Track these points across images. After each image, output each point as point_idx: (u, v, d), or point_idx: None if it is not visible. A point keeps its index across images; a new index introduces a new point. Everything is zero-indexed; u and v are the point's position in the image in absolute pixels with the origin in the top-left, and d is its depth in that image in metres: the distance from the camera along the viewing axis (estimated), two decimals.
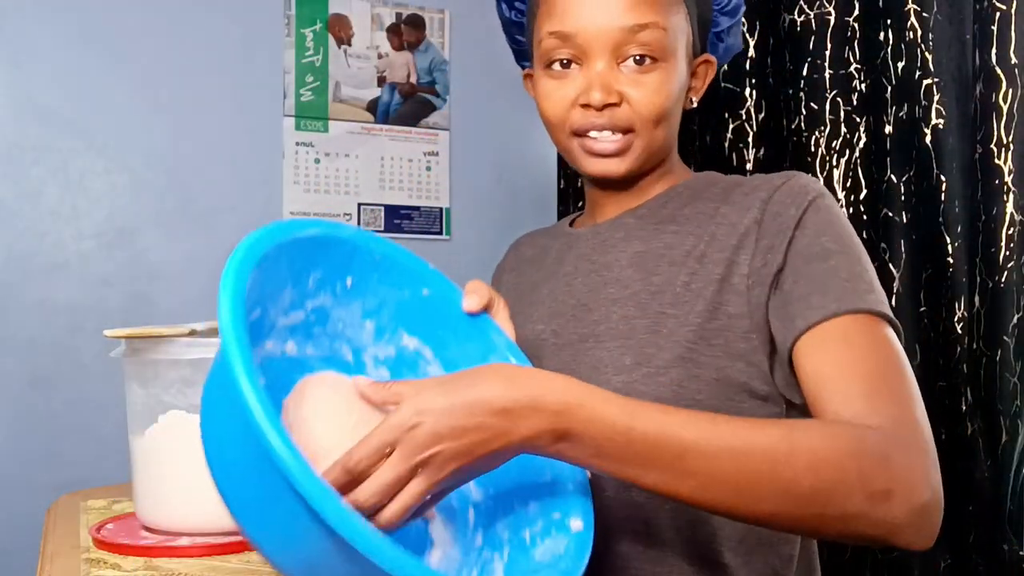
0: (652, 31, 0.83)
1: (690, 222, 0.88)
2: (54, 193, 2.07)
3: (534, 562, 0.68)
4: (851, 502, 0.66)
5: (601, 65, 0.85)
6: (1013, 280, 1.27)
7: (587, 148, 0.88)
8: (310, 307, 0.72)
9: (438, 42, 2.42)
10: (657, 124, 0.86)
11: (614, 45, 0.84)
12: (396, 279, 0.75)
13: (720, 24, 0.94)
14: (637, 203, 0.93)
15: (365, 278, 0.73)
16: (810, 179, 0.86)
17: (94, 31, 2.09)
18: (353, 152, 2.32)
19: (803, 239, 0.81)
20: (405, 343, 0.77)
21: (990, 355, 1.28)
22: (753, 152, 1.77)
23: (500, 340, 0.77)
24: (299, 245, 0.68)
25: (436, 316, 0.76)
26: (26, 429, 2.02)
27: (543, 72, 0.89)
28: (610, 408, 0.63)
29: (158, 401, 0.89)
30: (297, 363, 0.73)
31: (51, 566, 0.90)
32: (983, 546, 1.31)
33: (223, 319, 0.58)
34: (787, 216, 0.82)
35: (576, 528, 0.68)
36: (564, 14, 0.85)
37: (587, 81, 0.85)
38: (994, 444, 1.29)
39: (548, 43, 0.86)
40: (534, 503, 0.72)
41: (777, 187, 0.84)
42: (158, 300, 2.13)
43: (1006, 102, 1.27)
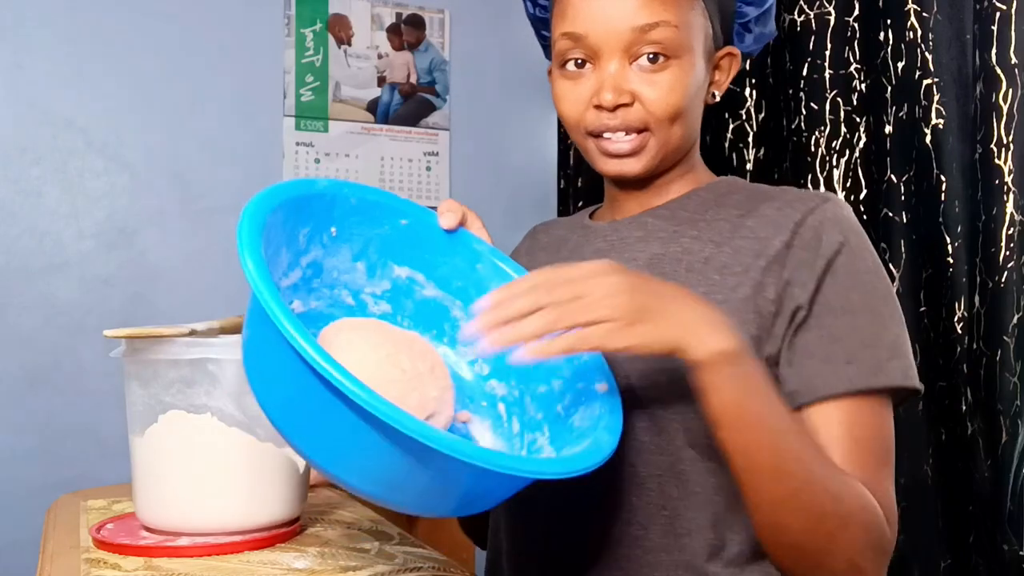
0: (663, 29, 0.82)
1: (711, 229, 0.87)
2: (54, 193, 2.07)
3: (575, 428, 0.72)
4: (843, 561, 0.76)
5: (613, 65, 0.84)
6: (1013, 280, 1.27)
7: (602, 149, 0.87)
8: (304, 263, 0.76)
9: (438, 42, 2.42)
10: (672, 122, 0.85)
11: (625, 45, 0.83)
12: (374, 217, 0.78)
13: (746, 14, 0.92)
14: (658, 202, 0.92)
15: (347, 224, 0.77)
16: (845, 208, 0.84)
17: (94, 31, 2.09)
18: (353, 152, 2.32)
19: (832, 287, 0.81)
20: (397, 274, 0.81)
21: (990, 355, 1.28)
22: (753, 152, 1.77)
23: (482, 247, 0.81)
24: (287, 207, 0.72)
25: (418, 242, 0.80)
26: (26, 429, 2.02)
27: (559, 72, 0.89)
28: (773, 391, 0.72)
29: (158, 401, 0.89)
30: (305, 318, 0.77)
31: (51, 566, 0.90)
32: (983, 546, 1.31)
33: (255, 283, 0.62)
34: (818, 253, 0.81)
35: (603, 390, 0.73)
36: (576, 15, 0.84)
37: (599, 82, 0.84)
38: (994, 444, 1.29)
39: (561, 44, 0.86)
40: (556, 381, 0.76)
41: (811, 210, 0.83)
42: (158, 300, 2.13)
43: (1006, 102, 1.27)
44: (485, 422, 0.80)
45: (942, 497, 1.42)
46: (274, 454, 0.90)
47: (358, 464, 0.62)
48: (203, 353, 0.88)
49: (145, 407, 0.90)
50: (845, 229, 0.83)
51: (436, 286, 0.81)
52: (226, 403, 0.88)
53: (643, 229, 0.90)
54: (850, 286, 0.81)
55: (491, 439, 0.79)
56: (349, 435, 0.60)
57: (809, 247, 0.81)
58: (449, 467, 0.60)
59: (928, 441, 1.42)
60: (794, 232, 0.82)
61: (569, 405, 0.75)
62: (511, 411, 0.80)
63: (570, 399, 0.75)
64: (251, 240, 0.64)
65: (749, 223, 0.85)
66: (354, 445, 0.61)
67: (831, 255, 0.81)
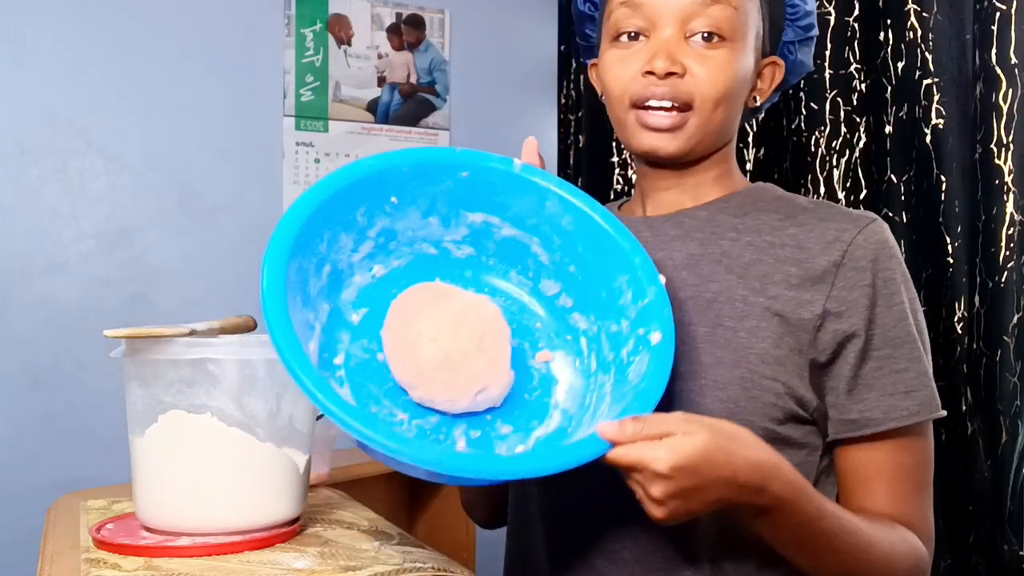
0: (723, 7, 0.82)
1: (750, 232, 0.85)
2: (54, 193, 2.07)
3: (628, 384, 0.75)
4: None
5: (668, 34, 0.82)
6: (1013, 280, 1.27)
7: (642, 121, 0.84)
8: (373, 234, 0.80)
9: (438, 42, 2.42)
10: (717, 105, 0.83)
11: (684, 17, 0.82)
12: (433, 177, 0.80)
13: (788, 35, 0.91)
14: (692, 203, 0.90)
15: (406, 190, 0.80)
16: (889, 232, 0.85)
17: (94, 31, 2.09)
18: (353, 152, 2.32)
19: (890, 317, 0.81)
20: (472, 220, 0.83)
21: (990, 355, 1.28)
22: (753, 152, 1.78)
23: (548, 183, 0.82)
24: (327, 207, 0.75)
25: (484, 188, 0.82)
26: (26, 429, 2.02)
27: (610, 44, 0.86)
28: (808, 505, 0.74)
29: (158, 401, 0.89)
30: (391, 278, 0.81)
31: (51, 566, 0.90)
32: (983, 546, 1.31)
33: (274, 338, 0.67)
34: (870, 277, 0.81)
35: (656, 341, 0.75)
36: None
37: (652, 51, 0.82)
38: (994, 444, 1.29)
39: (619, 13, 0.85)
40: (624, 321, 0.79)
41: (860, 229, 0.82)
42: (158, 300, 2.13)
43: (1006, 102, 1.27)
44: (568, 357, 0.82)
45: (942, 497, 1.42)
46: (274, 454, 0.90)
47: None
48: (203, 353, 0.88)
49: (145, 407, 0.90)
50: (894, 255, 0.83)
51: (512, 225, 0.83)
52: (226, 403, 0.88)
53: (680, 228, 0.88)
54: (903, 316, 0.82)
55: (571, 375, 0.81)
56: None
57: (860, 267, 0.81)
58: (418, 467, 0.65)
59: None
60: (844, 252, 0.81)
61: (631, 351, 0.77)
62: (591, 347, 0.82)
63: (633, 344, 0.77)
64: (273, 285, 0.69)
65: (791, 231, 0.84)
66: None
67: (883, 281, 0.81)
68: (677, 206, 0.90)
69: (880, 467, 0.81)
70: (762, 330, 0.81)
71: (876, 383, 0.81)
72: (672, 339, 0.75)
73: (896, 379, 0.81)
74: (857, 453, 0.82)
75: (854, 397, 0.81)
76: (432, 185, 0.80)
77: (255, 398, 0.89)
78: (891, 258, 0.82)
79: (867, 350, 0.81)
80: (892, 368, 0.81)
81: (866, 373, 0.81)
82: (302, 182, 2.27)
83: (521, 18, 2.48)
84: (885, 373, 0.81)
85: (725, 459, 0.68)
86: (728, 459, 0.68)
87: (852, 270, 0.81)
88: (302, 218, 0.73)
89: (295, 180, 2.26)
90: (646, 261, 0.79)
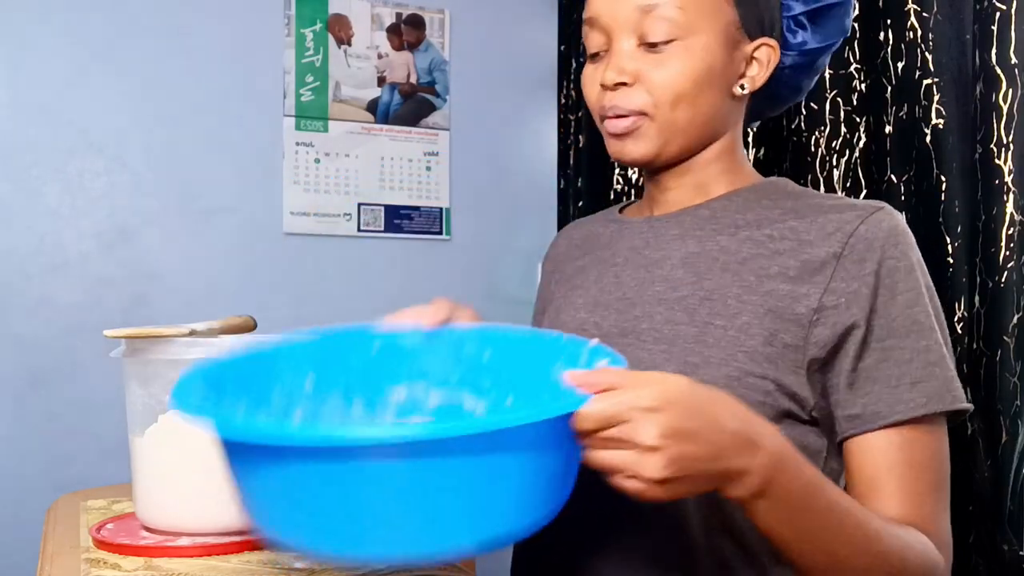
0: (666, 7, 0.81)
1: (750, 227, 0.85)
2: (54, 193, 2.07)
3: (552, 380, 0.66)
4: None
5: (620, 46, 0.84)
6: (1013, 280, 1.27)
7: (606, 130, 0.87)
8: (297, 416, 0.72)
9: (438, 42, 2.42)
10: (676, 104, 0.83)
11: (630, 27, 0.83)
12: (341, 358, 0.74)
13: (792, 8, 0.88)
14: (697, 201, 0.90)
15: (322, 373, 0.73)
16: (898, 218, 0.82)
17: (94, 31, 2.09)
18: (353, 152, 2.32)
19: (894, 307, 0.79)
20: (396, 396, 0.76)
21: (990, 355, 1.28)
22: (753, 152, 1.77)
23: (458, 334, 0.76)
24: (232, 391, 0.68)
25: (398, 358, 0.75)
26: (26, 429, 2.02)
27: (587, 63, 0.89)
28: (806, 470, 0.68)
29: (158, 401, 0.89)
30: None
31: (51, 566, 0.90)
32: (983, 546, 1.31)
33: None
34: (871, 266, 0.79)
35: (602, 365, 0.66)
36: (592, 0, 0.86)
37: (606, 64, 0.85)
38: (994, 444, 1.29)
39: (584, 31, 0.87)
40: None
41: (863, 219, 0.80)
42: (158, 300, 2.13)
43: (1006, 102, 1.27)
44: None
45: None
46: None
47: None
48: (203, 353, 0.88)
49: (145, 407, 0.90)
50: (901, 242, 0.80)
51: (438, 390, 0.76)
52: None
53: (680, 227, 0.89)
54: (911, 304, 0.79)
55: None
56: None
57: (863, 259, 0.79)
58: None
59: None
60: (845, 242, 0.79)
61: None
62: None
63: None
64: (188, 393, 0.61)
65: (791, 224, 0.83)
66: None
67: (884, 270, 0.79)
68: (682, 205, 0.90)
69: (890, 464, 0.77)
70: (753, 327, 0.80)
71: (880, 375, 0.78)
72: (621, 360, 0.66)
73: (901, 370, 0.78)
74: (864, 450, 0.78)
75: (857, 391, 0.78)
76: (345, 366, 0.74)
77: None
78: (897, 246, 0.80)
79: (868, 341, 0.78)
80: (897, 359, 0.78)
81: (868, 365, 0.78)
82: (302, 182, 2.27)
83: (521, 18, 2.48)
84: (889, 364, 0.78)
85: (709, 397, 0.63)
86: (711, 399, 0.63)
87: (853, 261, 0.79)
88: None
89: (295, 180, 2.26)
90: (572, 337, 0.71)
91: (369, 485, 0.53)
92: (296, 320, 2.21)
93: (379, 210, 2.34)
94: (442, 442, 0.51)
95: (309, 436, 0.52)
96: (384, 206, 2.35)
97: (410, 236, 2.37)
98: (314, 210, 2.28)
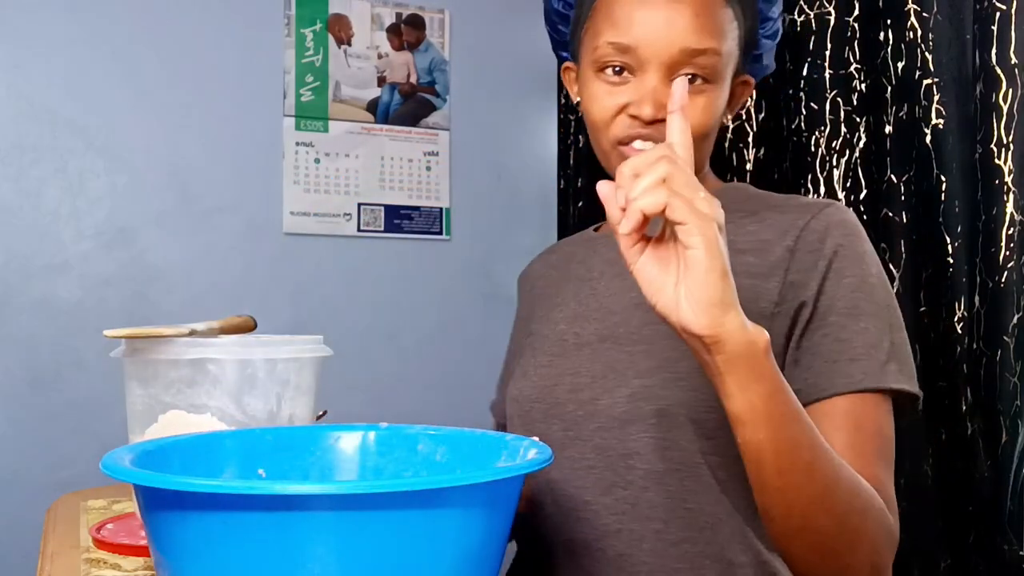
0: (710, 56, 0.85)
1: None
2: (54, 193, 2.07)
3: None
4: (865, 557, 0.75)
5: (655, 79, 0.85)
6: (1013, 280, 1.27)
7: (627, 157, 0.88)
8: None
9: (438, 42, 2.42)
10: (701, 141, 0.88)
11: (672, 64, 0.85)
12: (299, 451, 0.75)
13: (762, 47, 0.96)
14: None
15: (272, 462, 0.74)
16: (848, 213, 0.86)
17: (94, 31, 2.09)
18: (353, 152, 2.32)
19: (838, 289, 0.83)
20: None
21: (990, 355, 1.28)
22: (753, 152, 1.77)
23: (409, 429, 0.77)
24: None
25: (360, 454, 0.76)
26: (26, 429, 2.02)
27: (594, 74, 0.90)
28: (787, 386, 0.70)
29: (158, 401, 0.89)
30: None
31: (51, 566, 0.90)
32: (983, 546, 1.31)
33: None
34: (821, 255, 0.84)
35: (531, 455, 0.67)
36: (629, 26, 0.86)
37: (640, 94, 0.86)
38: (994, 444, 1.29)
39: (605, 50, 0.87)
40: None
41: (814, 215, 0.86)
42: (158, 300, 2.13)
43: (1006, 102, 1.27)
44: None
45: (942, 497, 1.41)
46: None
47: None
48: (203, 353, 0.88)
49: (145, 407, 0.90)
50: (848, 233, 0.85)
51: None
52: (226, 403, 0.88)
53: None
54: (854, 288, 0.83)
55: None
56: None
57: (813, 249, 0.84)
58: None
59: (928, 441, 1.42)
60: (798, 236, 0.85)
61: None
62: None
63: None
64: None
65: (751, 227, 0.88)
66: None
67: (832, 256, 0.83)
68: None
69: (837, 426, 0.80)
70: None
71: (821, 351, 0.82)
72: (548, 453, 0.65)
73: (841, 347, 0.81)
74: (813, 418, 0.80)
75: (801, 367, 0.82)
76: (299, 459, 0.75)
77: (255, 398, 0.89)
78: (847, 235, 0.84)
79: (813, 319, 0.83)
80: (837, 336, 0.82)
81: (813, 342, 0.83)
82: (302, 182, 2.27)
83: (521, 18, 2.47)
84: (830, 341, 0.82)
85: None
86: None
87: (805, 252, 0.84)
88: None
89: (295, 180, 2.26)
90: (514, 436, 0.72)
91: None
92: (296, 320, 2.21)
93: (379, 210, 2.34)
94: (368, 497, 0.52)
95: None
96: (384, 206, 2.35)
97: (410, 236, 2.37)
98: (314, 210, 2.28)
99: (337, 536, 0.53)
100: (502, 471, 0.58)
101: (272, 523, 0.53)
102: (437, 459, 0.75)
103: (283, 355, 0.91)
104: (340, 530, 0.53)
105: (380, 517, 0.53)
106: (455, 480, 0.55)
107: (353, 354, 1.93)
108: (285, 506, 0.52)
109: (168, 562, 0.58)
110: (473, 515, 0.58)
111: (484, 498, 0.58)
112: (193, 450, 0.71)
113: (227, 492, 0.52)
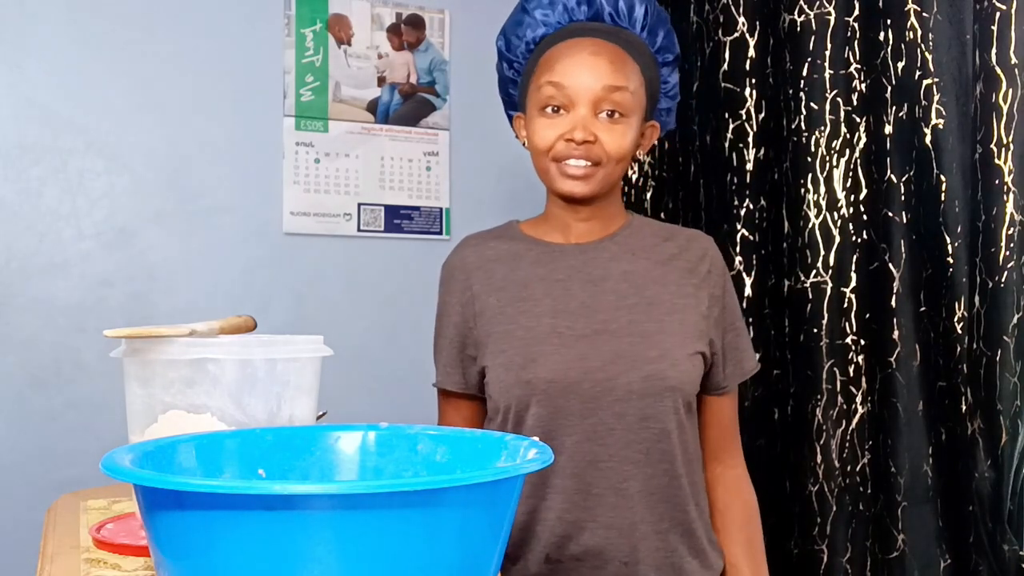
0: (623, 92, 1.13)
1: (655, 252, 1.21)
2: (54, 193, 2.07)
3: None
4: None
5: (583, 112, 1.13)
6: (1013, 280, 1.27)
7: (563, 171, 1.15)
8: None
9: (438, 42, 2.42)
10: (618, 162, 1.15)
11: (595, 99, 1.13)
12: (299, 449, 0.76)
13: (663, 103, 1.24)
14: (606, 232, 1.22)
15: (272, 462, 0.74)
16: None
17: (94, 31, 2.09)
18: (353, 152, 2.32)
19: (731, 301, 1.23)
20: None
21: (990, 355, 1.28)
22: (753, 152, 1.77)
23: (409, 429, 0.78)
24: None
25: (361, 455, 0.77)
26: (26, 429, 2.02)
27: (538, 113, 1.16)
28: None
29: (158, 401, 0.89)
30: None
31: (51, 566, 0.90)
32: (983, 546, 1.31)
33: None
34: (721, 276, 1.22)
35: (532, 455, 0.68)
36: (563, 70, 1.13)
37: (572, 123, 1.13)
38: (994, 444, 1.29)
39: (546, 90, 1.14)
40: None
41: (711, 245, 1.24)
42: (158, 300, 2.13)
43: (1006, 102, 1.27)
44: None
45: (942, 497, 1.42)
46: None
47: None
48: (203, 353, 0.88)
49: (145, 407, 0.90)
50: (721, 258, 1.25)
51: None
52: (226, 403, 0.88)
53: (608, 251, 1.20)
54: (736, 301, 1.24)
55: None
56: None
57: (717, 272, 1.21)
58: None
59: (928, 441, 1.42)
60: (712, 260, 1.21)
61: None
62: None
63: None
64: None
65: (672, 249, 1.21)
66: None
67: (726, 279, 1.22)
68: (592, 234, 1.21)
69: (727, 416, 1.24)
70: (689, 320, 1.16)
71: (735, 348, 1.22)
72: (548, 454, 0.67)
73: (744, 345, 1.23)
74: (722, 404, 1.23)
75: (728, 360, 1.21)
76: (299, 459, 0.75)
77: (255, 398, 0.89)
78: (723, 262, 1.24)
79: (725, 326, 1.20)
80: (740, 334, 1.23)
81: (729, 342, 1.21)
82: (302, 182, 2.27)
83: None
84: (741, 339, 1.23)
85: None
86: None
87: (715, 274, 1.21)
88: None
89: (295, 180, 2.26)
90: (514, 436, 0.73)
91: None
92: (296, 320, 2.21)
93: (379, 210, 2.34)
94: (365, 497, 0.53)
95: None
96: (384, 206, 2.35)
97: (410, 236, 2.37)
98: (314, 210, 2.28)
99: (337, 536, 0.54)
100: (502, 471, 0.59)
101: (272, 523, 0.53)
102: (437, 459, 0.76)
103: (283, 355, 0.91)
104: (340, 530, 0.53)
105: (380, 517, 0.54)
106: (455, 480, 0.55)
107: (353, 354, 1.93)
108: (285, 506, 0.53)
109: (168, 562, 0.58)
110: (473, 515, 0.58)
111: (484, 498, 0.58)
112: (193, 450, 0.71)
113: (227, 492, 0.53)
